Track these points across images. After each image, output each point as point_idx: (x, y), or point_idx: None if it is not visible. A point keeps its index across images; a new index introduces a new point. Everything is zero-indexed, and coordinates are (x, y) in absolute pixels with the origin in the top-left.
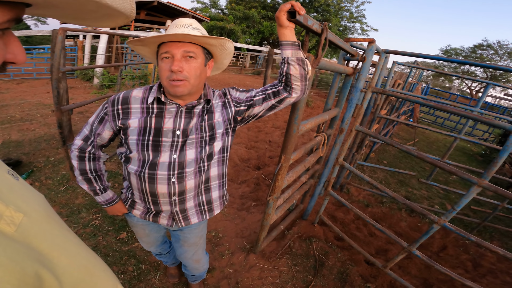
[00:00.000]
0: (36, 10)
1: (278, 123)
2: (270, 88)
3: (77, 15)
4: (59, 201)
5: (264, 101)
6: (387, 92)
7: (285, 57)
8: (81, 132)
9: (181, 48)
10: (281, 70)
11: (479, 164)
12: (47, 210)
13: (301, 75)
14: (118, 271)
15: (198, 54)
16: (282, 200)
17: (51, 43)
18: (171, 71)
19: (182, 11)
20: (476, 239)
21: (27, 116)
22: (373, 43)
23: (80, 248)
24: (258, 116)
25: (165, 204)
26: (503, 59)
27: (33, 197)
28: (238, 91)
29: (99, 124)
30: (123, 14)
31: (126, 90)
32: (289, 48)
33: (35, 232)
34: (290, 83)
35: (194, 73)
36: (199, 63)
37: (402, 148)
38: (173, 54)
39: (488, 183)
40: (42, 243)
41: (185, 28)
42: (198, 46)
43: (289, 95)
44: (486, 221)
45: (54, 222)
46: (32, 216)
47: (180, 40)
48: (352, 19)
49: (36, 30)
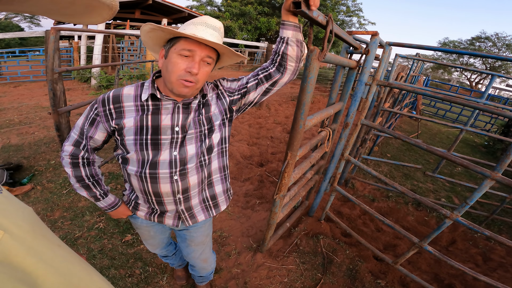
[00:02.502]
0: (6, 6)
1: (279, 118)
2: (261, 72)
3: (55, 9)
4: (62, 204)
5: (257, 86)
6: (392, 85)
7: (284, 36)
8: (70, 137)
9: (205, 52)
10: (278, 49)
11: (483, 155)
12: (34, 224)
13: (297, 56)
14: (125, 274)
15: (213, 61)
16: (288, 198)
17: (44, 44)
18: (188, 72)
19: (177, 9)
20: (490, 234)
21: (25, 120)
22: (377, 35)
23: (72, 265)
24: (254, 103)
25: (170, 203)
26: (502, 51)
27: (16, 212)
28: (229, 81)
29: (91, 126)
30: (104, 5)
31: (115, 89)
32: (291, 29)
33: (17, 250)
34: (285, 63)
35: (204, 78)
36: (211, 68)
37: (410, 141)
38: (195, 54)
39: (501, 176)
40: (25, 261)
41: (215, 31)
42: (216, 52)
43: (282, 75)
44: (494, 214)
45: (41, 237)
46: (14, 233)
47: (213, 46)
48: (349, 13)
49: (29, 32)
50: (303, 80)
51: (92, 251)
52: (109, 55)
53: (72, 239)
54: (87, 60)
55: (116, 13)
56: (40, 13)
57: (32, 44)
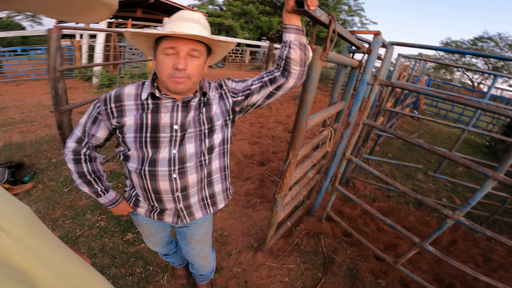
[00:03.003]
0: (3, 4)
1: (280, 118)
2: (266, 75)
3: (52, 8)
4: (63, 203)
5: (261, 89)
6: (394, 85)
7: (287, 40)
8: (73, 134)
9: (188, 46)
10: (281, 53)
11: (484, 155)
12: (32, 224)
13: (301, 59)
14: (126, 273)
15: (203, 53)
16: (289, 197)
17: (47, 43)
18: (175, 69)
19: (179, 8)
20: (491, 234)
21: (27, 118)
22: (379, 35)
23: (72, 264)
24: (257, 105)
25: (168, 201)
26: (504, 51)
27: (14, 211)
28: (234, 82)
29: (93, 125)
30: (103, 4)
31: (117, 88)
32: (293, 32)
33: (15, 250)
34: (289, 68)
35: (197, 71)
36: (201, 61)
37: (413, 141)
38: (179, 50)
39: (504, 176)
40: (23, 261)
41: (194, 23)
42: (203, 44)
43: (286, 80)
44: (495, 214)
45: (39, 237)
46: (11, 233)
47: (194, 39)
48: (351, 13)
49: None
50: (305, 80)
51: (93, 249)
52: (111, 53)
53: (73, 237)
54: (89, 59)
55: (115, 12)
56: (38, 12)
57: (34, 42)
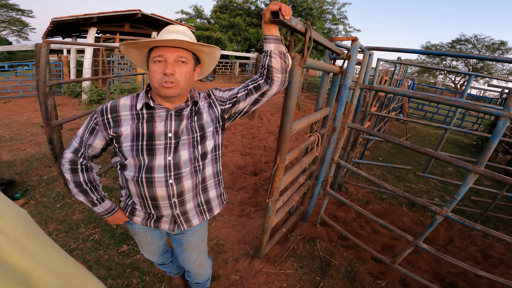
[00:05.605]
0: None
1: (271, 128)
2: (251, 83)
3: None
4: (56, 218)
5: (247, 97)
6: (374, 88)
7: (268, 50)
8: (71, 145)
9: (174, 53)
10: (263, 62)
11: (472, 155)
12: (29, 227)
13: (282, 67)
14: (123, 284)
15: (189, 60)
16: (281, 202)
17: (35, 58)
18: (164, 74)
19: (167, 22)
20: (481, 228)
21: (16, 136)
22: (356, 41)
23: (67, 266)
24: (244, 112)
25: (165, 207)
26: (482, 52)
27: (12, 214)
28: (221, 91)
29: (90, 135)
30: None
31: (113, 100)
32: (272, 42)
33: (13, 251)
34: (271, 75)
35: (184, 77)
36: (189, 68)
37: (395, 141)
38: (166, 58)
39: (484, 169)
40: (20, 262)
41: (178, 34)
42: (189, 52)
43: (270, 87)
44: (488, 211)
45: (36, 239)
46: (9, 235)
47: (177, 45)
48: (335, 21)
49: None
50: (287, 86)
51: (88, 262)
52: (100, 69)
53: (67, 250)
54: (77, 75)
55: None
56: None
57: (20, 58)
